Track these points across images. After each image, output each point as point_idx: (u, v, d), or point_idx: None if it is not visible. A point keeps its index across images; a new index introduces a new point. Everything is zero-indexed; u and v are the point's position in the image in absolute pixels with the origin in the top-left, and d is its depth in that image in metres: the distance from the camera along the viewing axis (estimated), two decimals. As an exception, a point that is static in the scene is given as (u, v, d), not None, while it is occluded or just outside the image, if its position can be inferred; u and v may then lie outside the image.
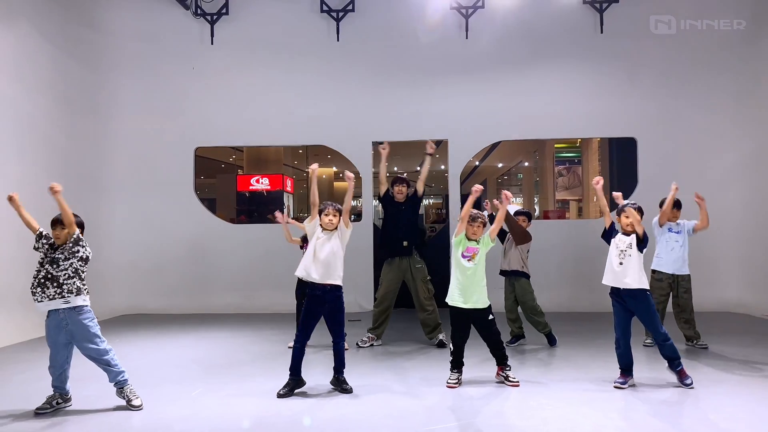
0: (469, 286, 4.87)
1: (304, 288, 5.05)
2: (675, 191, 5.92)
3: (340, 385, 4.82)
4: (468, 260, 4.87)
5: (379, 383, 4.97)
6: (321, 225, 4.92)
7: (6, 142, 7.55)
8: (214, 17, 9.79)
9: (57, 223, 4.23)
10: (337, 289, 4.83)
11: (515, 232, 6.35)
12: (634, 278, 4.79)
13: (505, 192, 5.17)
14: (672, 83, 9.43)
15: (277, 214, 6.56)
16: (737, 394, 4.57)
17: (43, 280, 4.11)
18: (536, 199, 19.35)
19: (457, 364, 4.97)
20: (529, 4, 9.47)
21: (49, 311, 4.17)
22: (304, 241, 5.99)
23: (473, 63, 9.69)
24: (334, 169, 20.57)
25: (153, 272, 9.64)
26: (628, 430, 3.78)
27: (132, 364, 4.48)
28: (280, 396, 4.62)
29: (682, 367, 4.81)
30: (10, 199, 4.24)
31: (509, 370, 4.97)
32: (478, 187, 4.91)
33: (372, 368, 5.51)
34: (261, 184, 15.83)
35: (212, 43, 9.84)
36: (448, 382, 4.89)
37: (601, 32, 9.49)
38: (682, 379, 4.75)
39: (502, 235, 6.48)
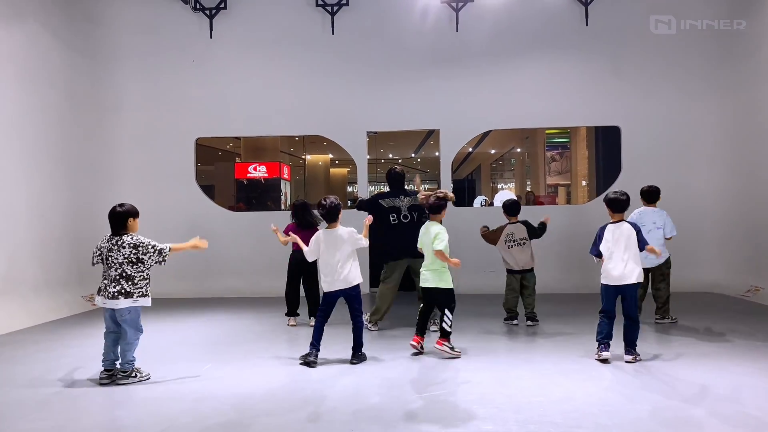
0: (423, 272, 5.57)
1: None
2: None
3: (358, 358, 5.28)
4: None
5: (376, 358, 5.42)
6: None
7: (14, 134, 7.82)
8: (213, 12, 10.09)
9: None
10: (356, 287, 5.28)
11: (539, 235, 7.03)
12: (636, 273, 5.12)
13: None
14: (653, 73, 9.80)
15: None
16: (697, 364, 5.04)
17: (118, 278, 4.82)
18: (528, 184, 19.78)
19: (419, 330, 5.60)
20: (517, -3, 9.82)
21: None
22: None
23: (463, 55, 10.03)
24: (330, 156, 20.97)
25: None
26: (595, 396, 4.24)
27: (142, 344, 4.92)
28: (310, 364, 5.09)
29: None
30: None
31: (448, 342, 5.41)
32: None
33: (372, 347, 5.95)
34: (258, 171, 16.19)
35: (211, 37, 10.15)
36: (411, 343, 5.54)
37: (586, 25, 9.85)
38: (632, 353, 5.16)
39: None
